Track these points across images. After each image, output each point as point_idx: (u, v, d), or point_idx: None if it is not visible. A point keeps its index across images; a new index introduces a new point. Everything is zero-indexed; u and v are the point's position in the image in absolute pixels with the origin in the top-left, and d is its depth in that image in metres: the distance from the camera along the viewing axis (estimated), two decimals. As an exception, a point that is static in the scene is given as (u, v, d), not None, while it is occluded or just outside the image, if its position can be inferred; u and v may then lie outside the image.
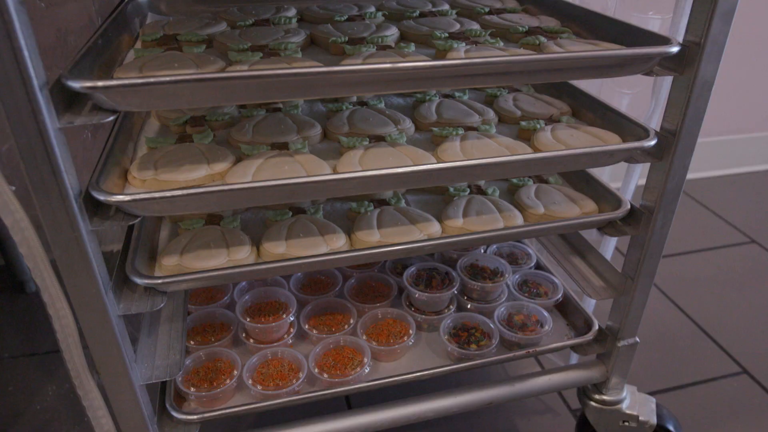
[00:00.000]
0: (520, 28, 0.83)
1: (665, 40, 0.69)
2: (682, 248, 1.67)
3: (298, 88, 0.59)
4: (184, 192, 0.61)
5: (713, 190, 1.99)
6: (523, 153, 0.73)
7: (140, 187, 0.68)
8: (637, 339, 0.91)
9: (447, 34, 0.81)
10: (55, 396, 1.18)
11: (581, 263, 0.96)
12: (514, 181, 0.91)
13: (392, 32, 0.81)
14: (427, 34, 0.81)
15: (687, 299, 1.48)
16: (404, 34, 0.85)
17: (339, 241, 0.75)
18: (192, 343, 0.89)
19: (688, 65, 0.69)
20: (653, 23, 1.01)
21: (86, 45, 0.66)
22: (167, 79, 0.55)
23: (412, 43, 0.76)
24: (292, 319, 0.91)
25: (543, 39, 0.77)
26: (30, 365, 1.25)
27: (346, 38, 0.77)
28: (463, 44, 0.75)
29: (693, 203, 1.90)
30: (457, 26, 0.85)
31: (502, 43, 0.78)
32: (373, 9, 0.94)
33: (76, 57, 0.60)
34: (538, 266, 1.07)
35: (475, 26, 0.86)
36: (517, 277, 1.02)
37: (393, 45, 0.77)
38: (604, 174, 1.01)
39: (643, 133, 0.76)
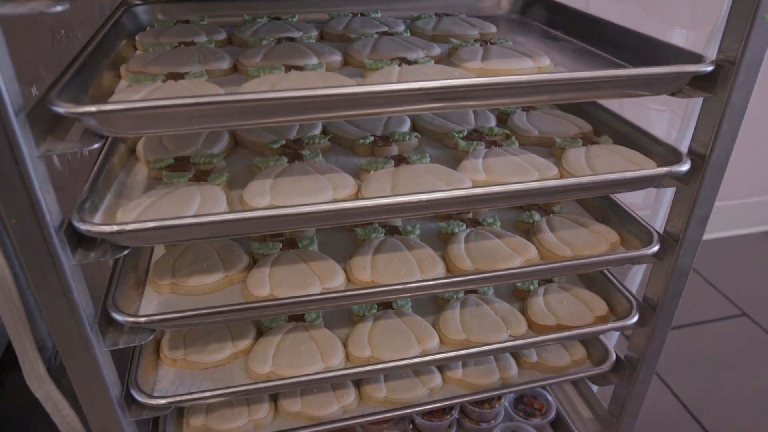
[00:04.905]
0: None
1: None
2: (674, 322, 1.74)
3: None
4: (214, 393, 0.69)
5: (705, 253, 2.05)
6: (517, 326, 0.81)
7: (171, 367, 0.76)
8: (623, 465, 0.99)
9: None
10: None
11: (572, 390, 1.04)
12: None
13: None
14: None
15: (676, 378, 1.55)
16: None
17: (349, 397, 0.83)
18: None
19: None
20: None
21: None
22: (191, 314, 0.63)
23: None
24: (304, 446, 0.99)
25: (537, 216, 0.85)
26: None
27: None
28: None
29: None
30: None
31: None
32: None
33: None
34: (533, 380, 1.15)
35: None
36: (513, 395, 1.10)
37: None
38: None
39: (627, 304, 0.83)
